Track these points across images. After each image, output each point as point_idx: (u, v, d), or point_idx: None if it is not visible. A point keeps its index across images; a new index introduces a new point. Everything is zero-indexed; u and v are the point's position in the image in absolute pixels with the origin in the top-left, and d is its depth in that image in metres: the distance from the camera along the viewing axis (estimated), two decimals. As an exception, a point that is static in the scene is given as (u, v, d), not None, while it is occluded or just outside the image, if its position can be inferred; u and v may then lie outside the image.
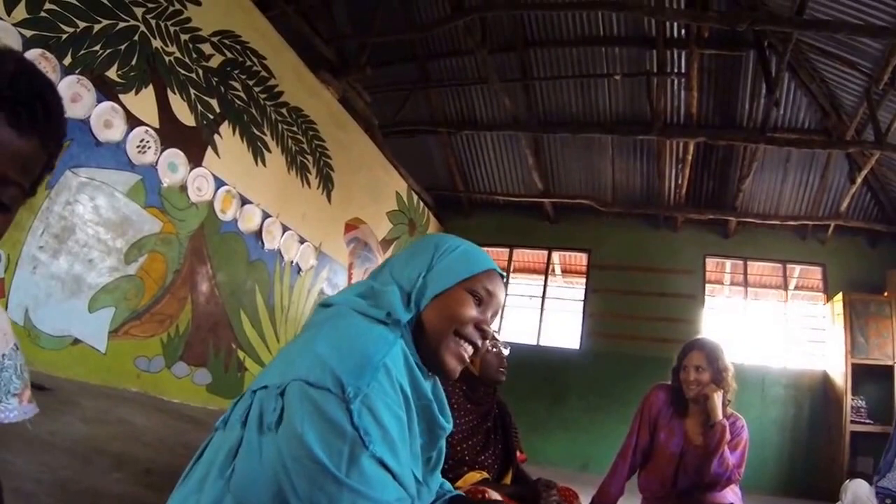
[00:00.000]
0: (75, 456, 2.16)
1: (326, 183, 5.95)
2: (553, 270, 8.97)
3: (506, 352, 2.27)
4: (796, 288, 8.02)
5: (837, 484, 5.39)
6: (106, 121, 3.67)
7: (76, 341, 3.49)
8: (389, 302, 1.06)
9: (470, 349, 1.15)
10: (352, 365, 0.92)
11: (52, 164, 0.67)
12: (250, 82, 4.87)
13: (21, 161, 0.61)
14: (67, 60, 3.42)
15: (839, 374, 6.51)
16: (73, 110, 3.44)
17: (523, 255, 9.13)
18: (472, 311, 1.13)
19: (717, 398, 2.60)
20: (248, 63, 4.82)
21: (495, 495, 1.85)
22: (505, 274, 1.24)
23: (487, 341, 2.15)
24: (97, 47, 3.60)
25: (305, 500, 0.84)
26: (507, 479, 2.23)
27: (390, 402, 0.94)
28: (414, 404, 1.02)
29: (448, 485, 1.37)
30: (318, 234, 5.82)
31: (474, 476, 2.04)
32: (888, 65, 5.14)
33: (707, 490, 2.57)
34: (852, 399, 6.31)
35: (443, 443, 1.17)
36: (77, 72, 3.47)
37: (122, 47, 3.76)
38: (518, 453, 2.35)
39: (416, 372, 1.05)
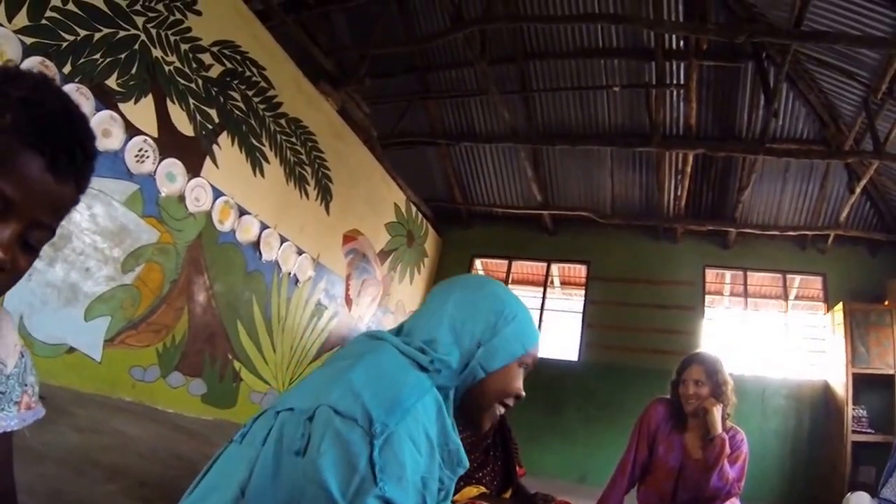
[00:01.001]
0: (68, 466, 2.13)
1: (325, 194, 5.94)
2: (552, 282, 8.94)
3: None
4: (796, 298, 7.99)
5: (839, 495, 5.38)
6: (105, 129, 3.67)
7: (71, 350, 3.46)
8: (446, 364, 1.08)
9: (503, 410, 1.22)
10: (384, 401, 0.93)
11: (79, 200, 0.67)
12: (249, 93, 4.87)
13: (56, 206, 0.63)
14: (67, 68, 3.43)
15: (840, 384, 6.43)
16: (71, 119, 3.44)
17: (522, 267, 9.11)
18: (520, 384, 1.21)
19: (717, 412, 2.59)
20: (248, 73, 4.83)
21: None
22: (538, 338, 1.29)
23: None
24: (97, 56, 3.60)
25: None
26: (507, 495, 2.23)
27: (414, 445, 0.95)
28: (440, 451, 1.04)
29: None
30: (315, 245, 5.80)
31: (472, 491, 2.04)
32: (886, 75, 5.17)
33: (707, 503, 2.55)
34: (853, 409, 6.22)
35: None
36: (77, 80, 3.47)
37: (122, 56, 3.76)
38: (518, 468, 2.34)
39: (446, 421, 1.06)
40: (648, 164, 7.47)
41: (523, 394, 1.22)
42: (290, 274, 5.49)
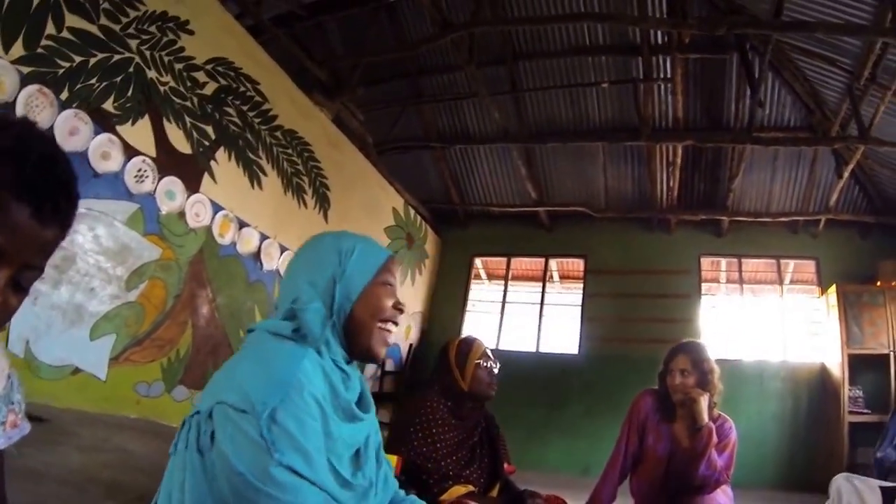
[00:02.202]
0: (69, 485, 2.19)
1: (323, 202, 6.03)
2: (551, 277, 9.03)
3: (496, 368, 2.32)
4: (791, 282, 8.09)
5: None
6: (104, 152, 3.76)
7: (76, 370, 3.55)
8: (309, 321, 1.18)
9: (393, 328, 1.31)
10: (263, 384, 1.04)
11: (65, 237, 0.71)
12: (244, 107, 4.96)
13: (44, 248, 0.66)
14: (64, 94, 3.52)
15: (836, 365, 6.53)
16: (71, 143, 3.54)
17: (521, 264, 9.19)
18: (389, 299, 1.29)
19: (703, 402, 2.61)
20: (242, 89, 4.92)
21: None
22: (394, 254, 1.39)
23: (492, 364, 2.24)
24: (93, 80, 3.70)
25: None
26: (495, 492, 2.25)
27: (301, 413, 1.05)
28: (332, 409, 1.14)
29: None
30: (316, 252, 5.89)
31: (459, 490, 2.07)
32: (868, 61, 5.26)
33: (697, 492, 2.58)
34: (850, 389, 6.31)
35: (373, 436, 1.30)
36: (74, 105, 3.57)
37: (118, 79, 3.86)
38: (506, 465, 2.37)
39: (333, 377, 1.17)
40: (640, 157, 7.55)
41: (402, 306, 1.30)
42: (291, 282, 5.58)
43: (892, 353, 6.18)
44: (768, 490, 6.15)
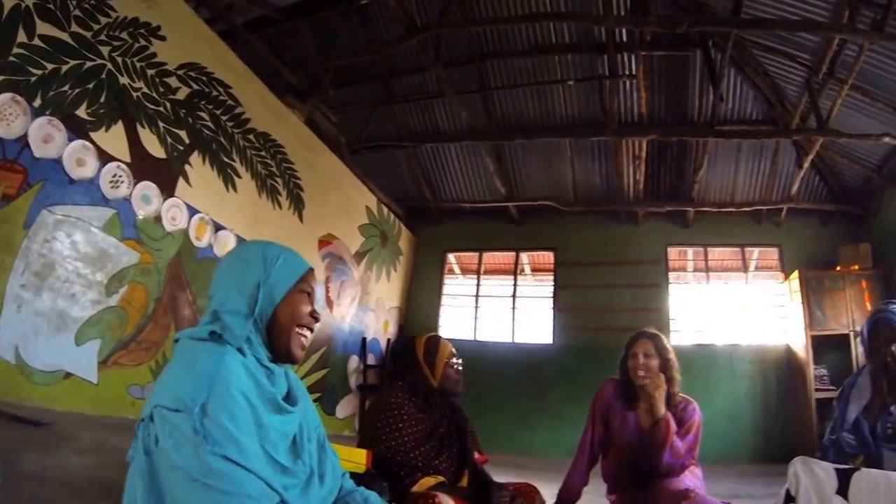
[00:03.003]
0: (67, 487, 2.23)
1: (297, 203, 6.09)
2: (522, 270, 9.20)
3: (461, 366, 2.42)
4: (756, 269, 8.40)
5: (811, 447, 5.68)
6: (78, 159, 3.77)
7: (68, 375, 3.58)
8: (231, 322, 1.29)
9: (309, 334, 1.43)
10: (190, 383, 1.15)
11: None
12: (217, 112, 5.00)
13: None
14: (37, 102, 3.52)
15: (801, 346, 6.86)
16: (45, 151, 3.55)
17: (493, 258, 9.37)
18: (307, 307, 1.42)
19: (660, 394, 2.69)
20: (215, 93, 4.96)
21: (447, 500, 1.94)
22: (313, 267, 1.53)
23: (458, 363, 2.34)
24: (66, 87, 3.71)
25: (181, 497, 1.07)
26: (464, 481, 2.30)
27: (230, 405, 1.15)
28: (259, 401, 1.24)
29: (374, 499, 1.51)
30: (292, 253, 5.94)
31: (429, 481, 2.12)
32: (826, 56, 5.49)
33: (664, 476, 2.65)
34: (815, 368, 6.65)
35: (311, 427, 1.42)
36: (47, 113, 3.57)
37: (91, 86, 3.87)
38: (477, 454, 2.42)
39: (256, 373, 1.27)
40: (606, 151, 7.75)
41: (318, 315, 1.44)
42: (269, 283, 5.63)
43: (851, 332, 6.47)
44: (745, 464, 6.42)
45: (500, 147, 7.93)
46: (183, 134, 4.64)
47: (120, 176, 4.07)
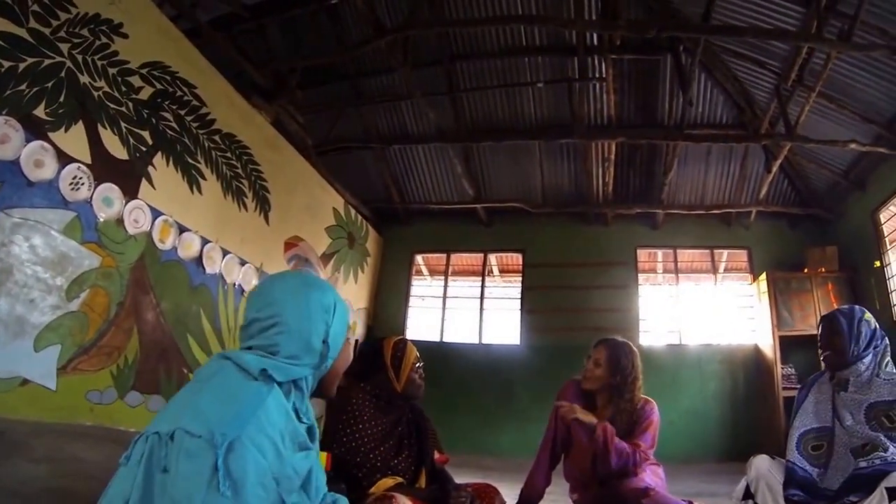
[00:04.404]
0: (19, 497, 2.19)
1: (263, 205, 6.01)
2: (490, 272, 9.24)
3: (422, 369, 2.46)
4: (725, 271, 8.59)
5: (777, 445, 5.82)
6: (36, 160, 3.66)
7: (25, 381, 3.47)
8: (297, 372, 1.32)
9: None
10: (225, 416, 1.12)
11: None
12: (182, 112, 4.90)
13: None
14: (-7, 102, 3.41)
15: (768, 346, 7.05)
16: (1, 152, 3.44)
17: (461, 259, 9.40)
18: (351, 352, 1.53)
19: (578, 413, 2.77)
20: (179, 93, 4.86)
21: (404, 501, 1.95)
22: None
23: (421, 369, 2.39)
24: (23, 86, 3.59)
25: None
26: (422, 481, 2.32)
27: (258, 450, 1.13)
28: (287, 442, 1.24)
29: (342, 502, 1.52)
30: (258, 255, 5.88)
31: (387, 482, 2.14)
32: (795, 64, 5.66)
33: (622, 477, 2.71)
34: (782, 368, 6.85)
35: (316, 463, 1.41)
36: (3, 112, 3.45)
37: (49, 85, 3.75)
38: (437, 454, 2.45)
39: (291, 413, 1.29)
40: (576, 153, 7.83)
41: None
42: (234, 284, 5.56)
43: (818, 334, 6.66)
44: (714, 463, 6.56)
45: (469, 148, 7.95)
46: (146, 134, 4.54)
47: (80, 178, 3.96)
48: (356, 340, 8.06)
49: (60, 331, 3.71)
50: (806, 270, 7.21)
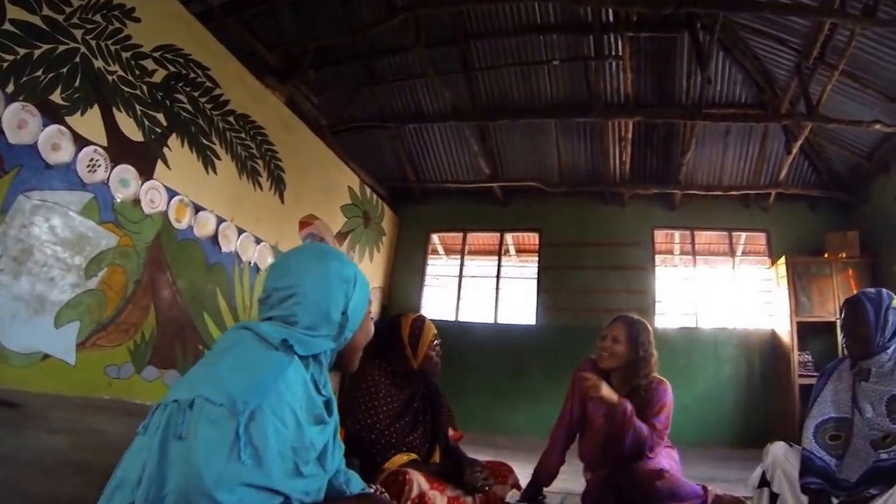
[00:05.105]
0: (38, 467, 2.24)
1: (278, 184, 6.12)
2: (507, 251, 9.25)
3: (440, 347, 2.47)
4: (743, 254, 8.46)
5: (792, 432, 5.77)
6: (54, 144, 3.79)
7: (45, 356, 3.64)
8: (314, 345, 1.30)
9: None
10: (245, 384, 1.12)
11: None
12: (195, 93, 5.00)
13: None
14: (10, 88, 3.52)
15: (786, 332, 6.90)
16: (20, 137, 3.57)
17: (477, 238, 9.41)
18: (372, 327, 1.52)
19: (604, 388, 2.71)
20: (192, 75, 4.95)
21: (418, 476, 2.00)
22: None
23: (439, 347, 2.38)
24: (39, 72, 3.70)
25: (181, 499, 1.01)
26: (436, 457, 2.36)
27: (276, 422, 1.13)
28: (306, 416, 1.24)
29: (357, 483, 1.55)
30: (273, 233, 5.99)
31: (401, 458, 2.17)
32: (816, 41, 5.49)
33: (635, 459, 2.71)
34: (799, 354, 6.68)
35: (333, 436, 1.42)
36: (21, 98, 3.57)
37: (64, 70, 3.86)
38: (452, 431, 2.48)
39: (310, 385, 1.29)
40: (592, 132, 7.74)
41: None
42: (250, 263, 5.69)
43: (837, 320, 6.51)
44: (725, 448, 6.51)
45: (485, 127, 7.92)
46: (160, 117, 4.65)
47: (97, 160, 4.09)
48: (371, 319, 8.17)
49: (79, 308, 3.88)
50: (826, 255, 7.03)
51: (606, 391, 2.72)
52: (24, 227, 3.55)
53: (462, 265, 8.95)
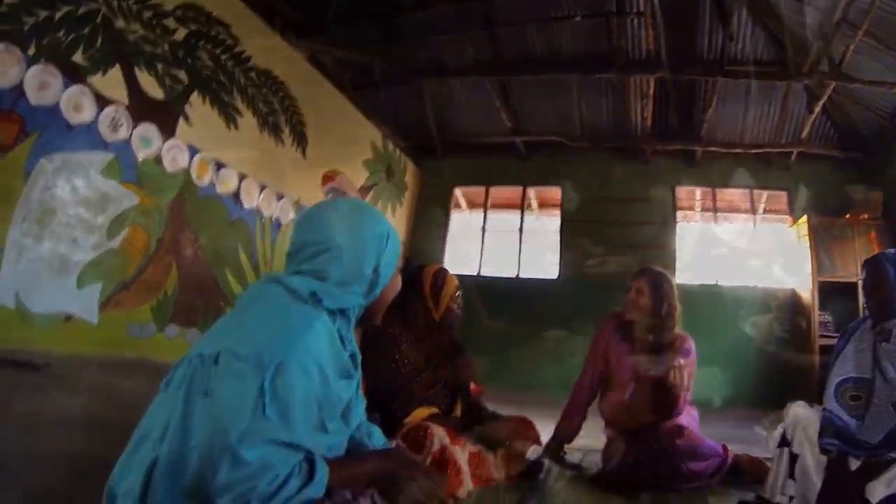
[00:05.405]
0: (61, 426, 2.34)
1: (300, 140, 6.13)
2: (529, 205, 9.21)
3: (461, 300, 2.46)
4: (764, 212, 8.33)
5: (812, 393, 5.79)
6: (76, 104, 3.82)
7: (68, 317, 3.76)
8: (342, 300, 1.29)
9: None
10: (272, 338, 1.11)
11: None
12: (217, 51, 4.98)
13: None
14: (32, 50, 3.53)
15: (806, 292, 6.86)
16: (41, 98, 3.61)
17: (500, 192, 9.33)
18: (399, 283, 1.51)
19: (679, 373, 2.65)
20: (214, 32, 4.92)
21: (439, 430, 2.00)
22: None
23: (461, 299, 2.36)
24: (60, 34, 3.71)
25: (205, 454, 1.00)
26: (457, 411, 2.37)
27: (302, 377, 1.11)
28: (332, 370, 1.23)
29: (378, 436, 1.56)
30: (295, 188, 6.04)
31: (422, 412, 2.18)
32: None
33: (660, 419, 2.71)
34: (820, 315, 6.64)
35: (356, 391, 1.41)
36: (42, 60, 3.59)
37: (86, 31, 3.86)
38: (472, 385, 2.48)
39: (336, 339, 1.28)
40: (614, 88, 7.58)
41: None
42: (272, 218, 5.78)
43: (859, 281, 6.44)
44: (746, 408, 6.52)
45: (507, 82, 7.79)
46: (182, 74, 4.66)
47: (118, 119, 4.13)
48: (392, 272, 8.28)
49: (102, 268, 3.99)
50: (848, 216, 6.91)
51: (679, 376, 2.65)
52: (46, 189, 3.63)
53: (485, 220, 8.97)
